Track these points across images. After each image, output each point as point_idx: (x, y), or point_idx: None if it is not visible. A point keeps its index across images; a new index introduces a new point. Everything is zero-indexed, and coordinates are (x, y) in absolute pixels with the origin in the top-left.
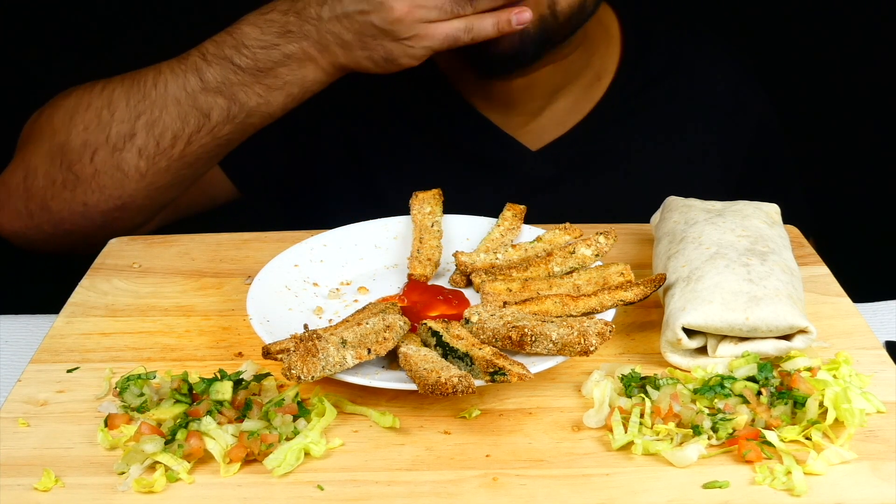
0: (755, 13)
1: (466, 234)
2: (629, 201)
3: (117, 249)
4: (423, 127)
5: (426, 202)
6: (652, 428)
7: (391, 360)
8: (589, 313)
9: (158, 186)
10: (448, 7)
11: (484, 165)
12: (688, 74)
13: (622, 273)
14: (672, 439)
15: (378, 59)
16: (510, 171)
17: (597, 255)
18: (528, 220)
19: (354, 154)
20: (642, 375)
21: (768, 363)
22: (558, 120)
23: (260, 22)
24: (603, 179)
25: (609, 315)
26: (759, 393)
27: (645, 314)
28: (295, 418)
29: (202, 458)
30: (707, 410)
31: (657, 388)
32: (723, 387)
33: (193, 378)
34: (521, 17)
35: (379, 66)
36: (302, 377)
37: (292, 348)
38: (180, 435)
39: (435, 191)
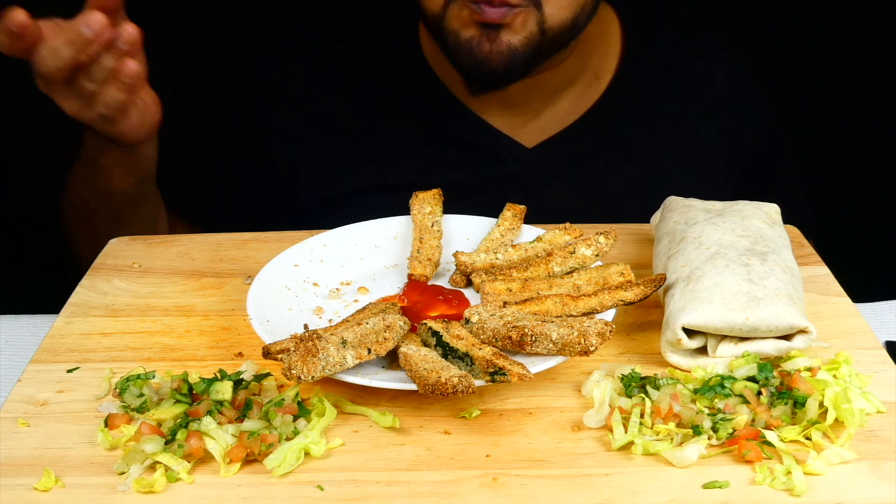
0: (756, 12)
1: (466, 234)
2: (628, 199)
3: (117, 249)
4: (418, 126)
5: (426, 202)
6: (652, 428)
7: (391, 360)
8: (589, 313)
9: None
10: (81, 93)
11: (479, 163)
12: (688, 72)
13: (622, 273)
14: (672, 439)
15: (113, 141)
16: (505, 168)
17: (597, 255)
18: (527, 218)
19: (351, 153)
20: (642, 375)
21: (768, 363)
22: (557, 121)
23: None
24: (600, 177)
25: (609, 315)
26: (759, 393)
27: (645, 314)
28: (295, 418)
29: (202, 458)
30: (707, 410)
31: (657, 388)
32: (723, 387)
33: (193, 378)
34: (126, 71)
35: (125, 143)
36: (302, 377)
37: (292, 348)
38: (180, 435)
39: (435, 191)
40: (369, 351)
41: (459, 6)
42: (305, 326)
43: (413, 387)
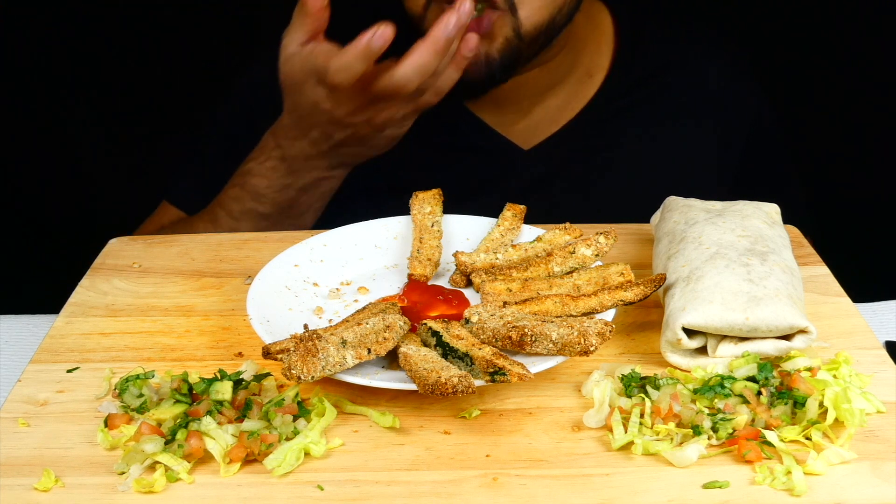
0: (753, 11)
1: (466, 234)
2: (623, 199)
3: (117, 249)
4: (417, 127)
5: (426, 202)
6: (652, 428)
7: (391, 360)
8: (589, 313)
9: None
10: (414, 97)
11: (476, 165)
12: (682, 71)
13: (622, 273)
14: (672, 439)
15: (383, 146)
16: (502, 170)
17: (597, 255)
18: (525, 219)
19: None
20: (642, 375)
21: (768, 363)
22: (550, 117)
23: (264, 171)
24: (596, 177)
25: (609, 315)
26: (759, 393)
27: (645, 314)
28: (295, 418)
29: (202, 458)
30: (707, 410)
31: (657, 388)
32: (723, 387)
33: (193, 378)
34: (469, 46)
35: (385, 149)
36: (302, 377)
37: (292, 348)
38: (180, 435)
39: (435, 191)
40: (369, 351)
41: (437, 9)
42: (305, 326)
43: (413, 387)
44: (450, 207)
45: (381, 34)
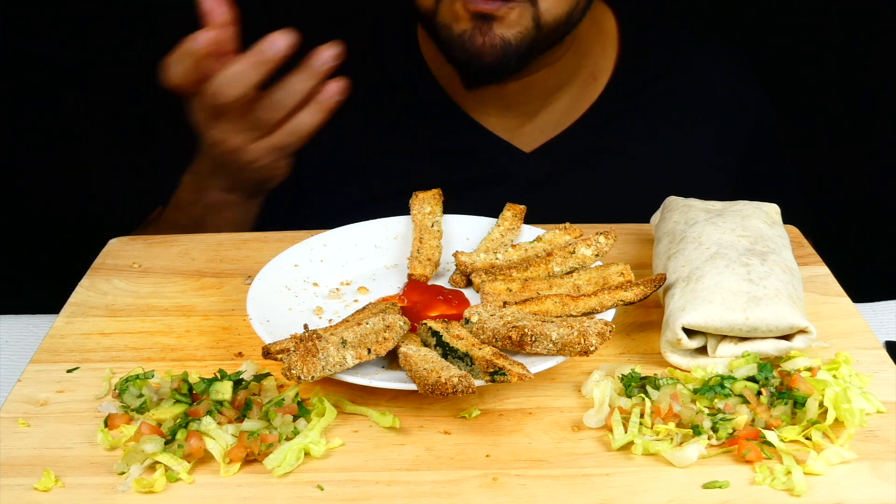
0: (754, 13)
1: (466, 234)
2: (625, 201)
3: (117, 249)
4: (418, 134)
5: (426, 202)
6: (652, 428)
7: (391, 360)
8: (589, 313)
9: None
10: (256, 125)
11: (477, 170)
12: (685, 73)
13: (622, 273)
14: (672, 439)
15: (260, 181)
16: (504, 174)
17: (597, 255)
18: (525, 221)
19: (347, 157)
20: (642, 375)
21: (768, 363)
22: (555, 120)
23: (184, 182)
24: (597, 178)
25: (609, 315)
26: (759, 393)
27: (645, 314)
28: (295, 418)
29: (202, 458)
30: (707, 410)
31: (657, 388)
32: (723, 387)
33: (193, 378)
34: (330, 92)
35: (266, 185)
36: (302, 377)
37: (292, 348)
38: (180, 435)
39: (435, 191)
40: (369, 351)
41: (448, 2)
42: (305, 326)
43: (413, 387)
44: (450, 209)
45: (203, 36)
